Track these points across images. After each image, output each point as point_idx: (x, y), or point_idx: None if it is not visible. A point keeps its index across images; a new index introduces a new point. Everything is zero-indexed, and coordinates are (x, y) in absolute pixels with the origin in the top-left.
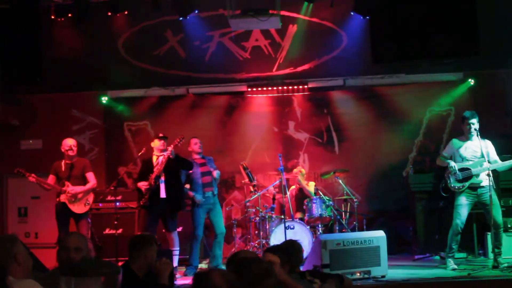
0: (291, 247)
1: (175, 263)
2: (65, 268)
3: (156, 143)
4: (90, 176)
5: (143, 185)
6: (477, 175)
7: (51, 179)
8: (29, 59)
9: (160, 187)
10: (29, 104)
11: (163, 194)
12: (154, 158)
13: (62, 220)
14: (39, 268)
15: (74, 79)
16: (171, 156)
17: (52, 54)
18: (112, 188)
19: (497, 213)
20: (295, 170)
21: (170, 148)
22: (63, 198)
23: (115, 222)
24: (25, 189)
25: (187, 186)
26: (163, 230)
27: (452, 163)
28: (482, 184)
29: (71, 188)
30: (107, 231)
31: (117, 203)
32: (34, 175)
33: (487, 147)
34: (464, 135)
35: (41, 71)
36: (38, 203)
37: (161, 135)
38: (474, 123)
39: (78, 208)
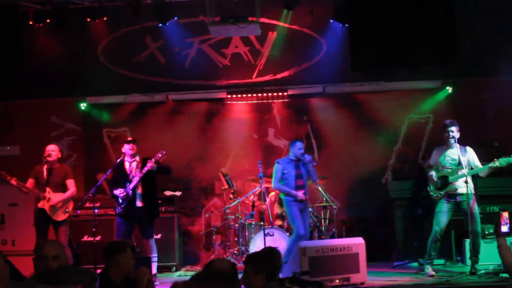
0: (271, 254)
1: (154, 270)
2: (41, 276)
3: (125, 147)
4: (70, 183)
5: (120, 193)
6: (454, 183)
7: (30, 183)
8: (7, 64)
9: (136, 196)
10: (7, 110)
11: (139, 203)
12: (127, 164)
13: (40, 227)
14: (16, 276)
15: (52, 85)
16: (153, 170)
17: (30, 59)
18: (91, 194)
19: (476, 221)
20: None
21: (151, 163)
22: (41, 204)
23: (94, 229)
24: (3, 195)
25: None
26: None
27: (431, 173)
28: (460, 192)
29: (52, 196)
30: (85, 238)
31: (96, 210)
32: (15, 179)
33: (469, 154)
34: (445, 143)
35: (19, 76)
36: (16, 210)
37: (129, 138)
38: (454, 131)
39: (57, 216)
